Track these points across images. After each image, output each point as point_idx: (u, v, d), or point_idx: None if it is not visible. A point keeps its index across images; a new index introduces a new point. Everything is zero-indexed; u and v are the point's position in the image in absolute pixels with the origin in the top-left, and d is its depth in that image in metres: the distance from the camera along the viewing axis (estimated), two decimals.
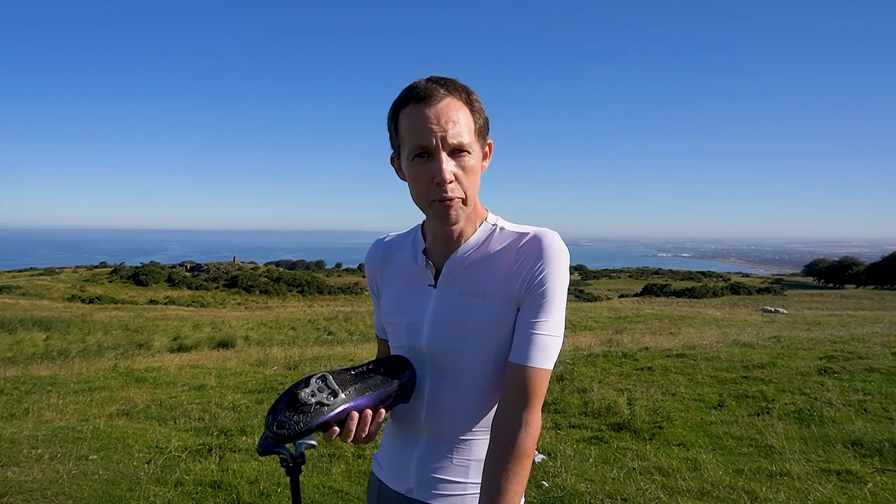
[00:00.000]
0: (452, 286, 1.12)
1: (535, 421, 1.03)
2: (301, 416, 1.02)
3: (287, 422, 1.02)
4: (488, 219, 1.15)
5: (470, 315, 1.09)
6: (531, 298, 1.06)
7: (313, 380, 1.06)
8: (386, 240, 1.26)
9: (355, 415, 1.04)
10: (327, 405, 1.03)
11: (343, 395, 1.05)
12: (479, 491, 1.11)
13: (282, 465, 1.40)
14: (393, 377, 1.11)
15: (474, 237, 1.13)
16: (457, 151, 1.03)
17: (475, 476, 1.12)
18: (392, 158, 1.14)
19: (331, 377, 1.07)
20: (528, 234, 1.10)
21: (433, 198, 1.04)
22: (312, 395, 1.03)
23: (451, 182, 1.03)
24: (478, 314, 1.08)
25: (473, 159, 1.05)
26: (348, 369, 1.11)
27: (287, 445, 1.42)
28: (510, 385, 1.05)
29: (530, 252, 1.07)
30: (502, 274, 1.08)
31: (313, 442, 1.44)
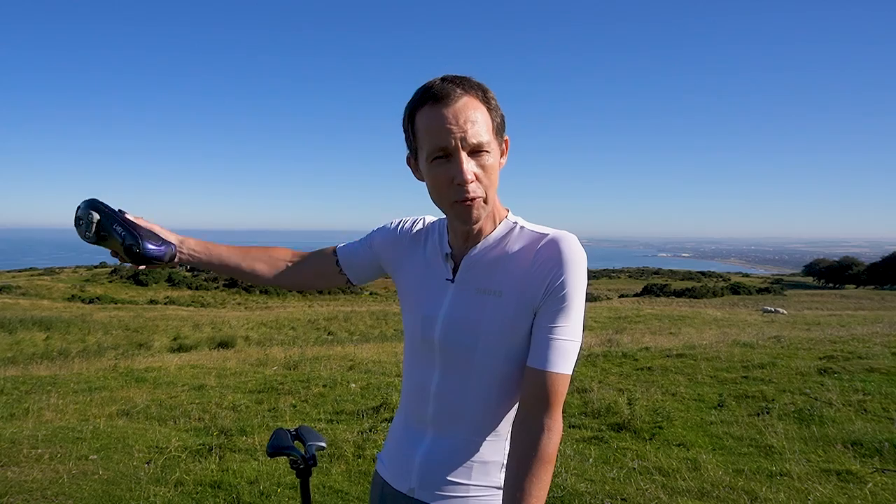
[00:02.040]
0: (469, 282, 1.12)
1: (556, 426, 1.03)
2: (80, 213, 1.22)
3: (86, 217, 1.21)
4: (508, 217, 1.15)
5: (484, 313, 1.08)
6: (551, 303, 1.05)
7: (94, 215, 1.20)
8: (427, 222, 1.27)
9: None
10: (83, 226, 1.21)
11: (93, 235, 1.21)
12: (481, 493, 1.11)
13: (292, 467, 1.38)
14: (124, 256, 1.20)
15: (493, 234, 1.13)
16: (476, 151, 1.02)
17: (478, 478, 1.11)
18: (408, 159, 1.13)
19: (101, 224, 1.20)
20: (547, 235, 1.09)
21: (454, 198, 1.03)
22: (80, 220, 1.22)
23: (471, 182, 1.02)
24: (492, 313, 1.08)
25: (492, 158, 1.05)
26: (129, 230, 1.19)
27: (297, 446, 1.41)
28: (531, 390, 1.04)
29: (549, 256, 1.06)
30: (520, 274, 1.08)
31: (322, 443, 1.44)
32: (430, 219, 1.28)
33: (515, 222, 1.14)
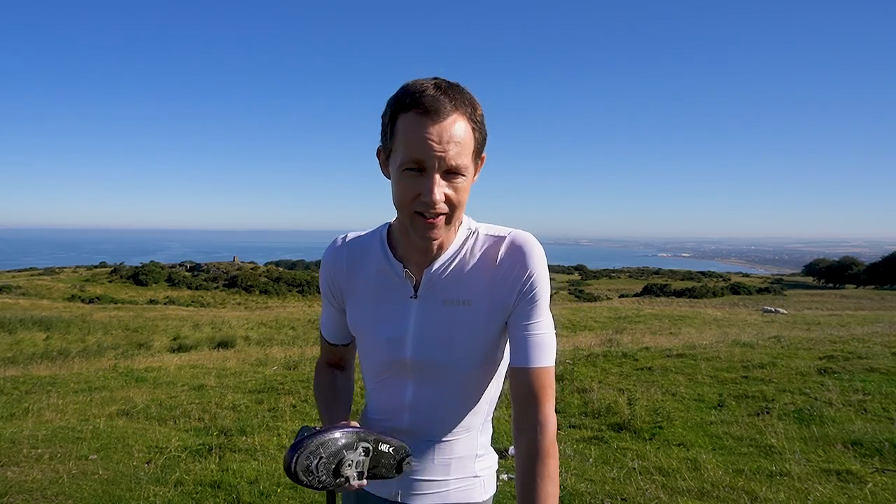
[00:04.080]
0: (434, 295, 1.10)
1: (549, 420, 1.06)
2: (327, 478, 0.99)
3: (315, 474, 0.98)
4: (464, 223, 1.13)
5: (456, 324, 1.09)
6: (524, 304, 1.08)
7: (360, 448, 1.02)
8: (348, 241, 1.19)
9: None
10: (347, 483, 1.01)
11: (362, 479, 1.03)
12: (460, 485, 1.16)
13: None
14: (393, 473, 1.09)
15: (454, 245, 1.11)
16: (451, 172, 0.99)
17: (456, 472, 1.16)
18: (378, 151, 1.09)
19: (370, 457, 1.03)
20: (506, 238, 1.10)
21: (417, 210, 1.00)
22: (350, 466, 1.00)
23: (439, 203, 0.99)
24: (464, 323, 1.09)
25: (467, 181, 1.02)
26: (389, 443, 1.07)
27: None
28: (520, 390, 1.07)
29: (515, 260, 1.08)
30: (486, 281, 1.09)
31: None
32: (352, 235, 1.20)
33: (470, 227, 1.13)
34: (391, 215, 1.13)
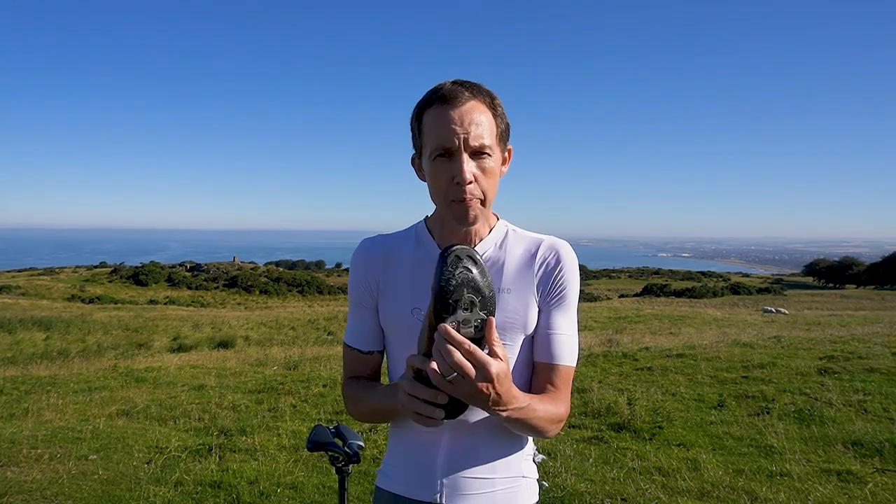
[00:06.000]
0: None
1: (565, 405, 1.14)
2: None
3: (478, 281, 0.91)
4: (500, 221, 1.20)
5: (498, 310, 1.09)
6: (554, 304, 1.15)
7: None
8: (381, 237, 1.22)
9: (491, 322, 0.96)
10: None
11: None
12: (508, 485, 1.14)
13: (332, 463, 1.35)
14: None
15: (491, 236, 1.17)
16: (478, 153, 1.05)
17: (503, 472, 1.14)
18: (413, 159, 1.16)
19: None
20: (543, 240, 1.17)
21: (452, 198, 1.06)
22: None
23: (470, 182, 1.04)
24: (505, 308, 1.12)
25: (493, 162, 1.08)
26: None
27: (338, 443, 1.37)
28: (540, 383, 1.14)
29: (551, 261, 1.15)
30: (524, 274, 1.15)
31: (361, 442, 1.42)
32: (381, 234, 1.23)
33: (507, 226, 1.20)
34: (391, 215, 1.13)
